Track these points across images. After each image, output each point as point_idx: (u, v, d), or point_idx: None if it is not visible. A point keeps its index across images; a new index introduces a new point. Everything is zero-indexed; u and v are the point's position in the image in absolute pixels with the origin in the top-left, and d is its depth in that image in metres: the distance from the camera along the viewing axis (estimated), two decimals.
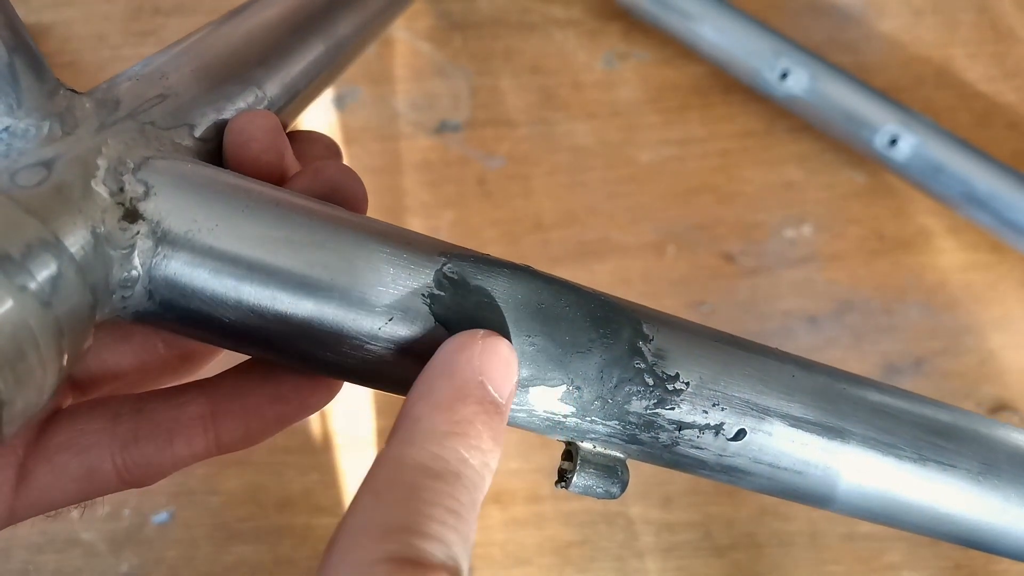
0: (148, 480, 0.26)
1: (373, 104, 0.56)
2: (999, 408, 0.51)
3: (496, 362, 0.22)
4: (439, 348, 0.22)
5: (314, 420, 0.49)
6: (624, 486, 0.24)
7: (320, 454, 0.49)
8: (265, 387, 0.26)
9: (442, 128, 0.56)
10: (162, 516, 0.47)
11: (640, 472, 0.49)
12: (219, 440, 0.26)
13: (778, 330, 0.51)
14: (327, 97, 0.56)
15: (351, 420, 0.49)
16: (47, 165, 0.21)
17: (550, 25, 0.59)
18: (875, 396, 0.26)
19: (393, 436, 0.21)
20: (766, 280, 0.53)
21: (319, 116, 0.55)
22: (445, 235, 0.53)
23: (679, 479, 0.49)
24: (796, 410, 0.25)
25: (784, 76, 0.53)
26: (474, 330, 0.22)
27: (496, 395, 0.22)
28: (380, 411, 0.49)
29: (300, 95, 0.30)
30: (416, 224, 0.53)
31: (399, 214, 0.53)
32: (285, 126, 0.30)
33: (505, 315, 0.23)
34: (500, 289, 0.23)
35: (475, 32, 0.58)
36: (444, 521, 0.19)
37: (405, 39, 0.58)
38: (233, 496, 0.48)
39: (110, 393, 0.27)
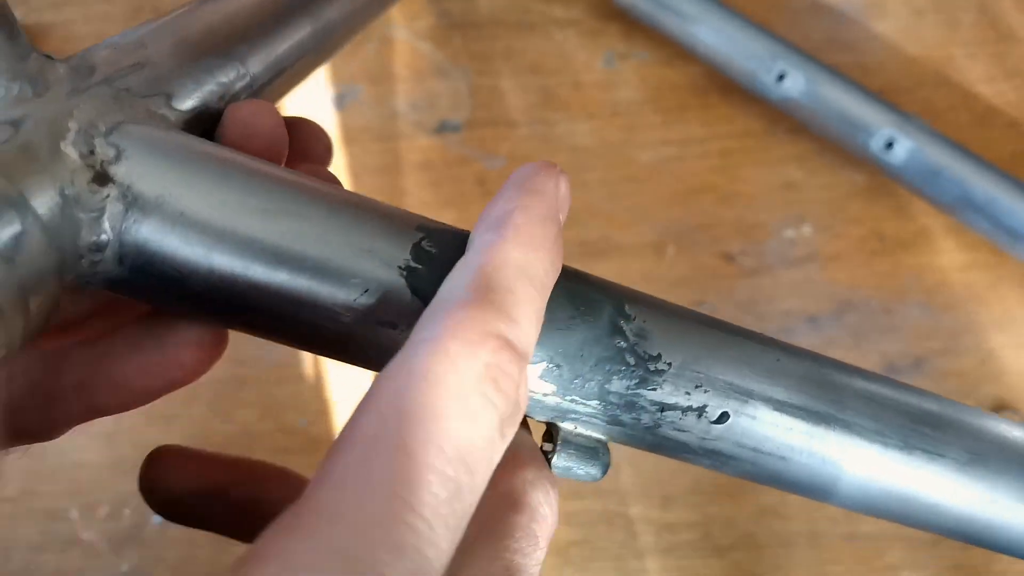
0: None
1: (373, 104, 0.56)
2: (999, 408, 0.51)
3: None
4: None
5: (314, 421, 0.49)
6: (605, 468, 0.24)
7: (320, 454, 0.49)
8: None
9: (442, 128, 0.56)
10: None
11: (640, 472, 0.49)
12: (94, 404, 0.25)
13: (778, 330, 0.51)
14: (327, 97, 0.56)
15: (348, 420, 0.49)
16: (14, 124, 0.21)
17: (550, 25, 0.59)
18: (861, 383, 0.26)
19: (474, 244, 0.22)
20: (766, 280, 0.53)
21: (319, 116, 0.55)
22: None
23: (679, 479, 0.49)
24: (780, 394, 0.24)
25: (781, 78, 0.53)
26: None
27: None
28: None
29: (284, 75, 0.30)
30: None
31: None
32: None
33: None
34: None
35: (475, 32, 0.58)
36: (528, 314, 0.20)
37: (405, 39, 0.58)
38: None
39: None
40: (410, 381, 0.18)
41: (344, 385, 0.50)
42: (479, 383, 0.18)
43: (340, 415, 0.49)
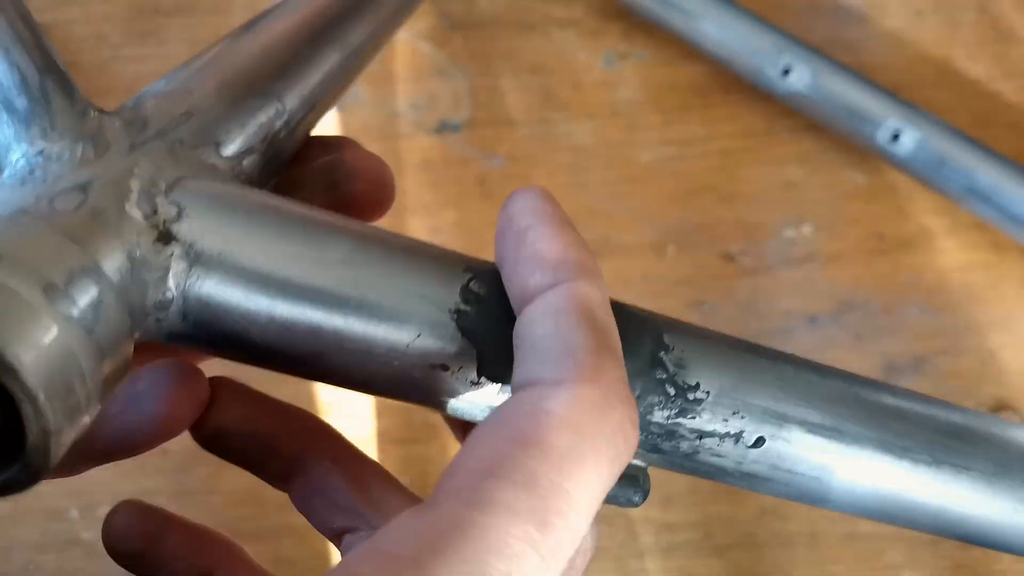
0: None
1: (373, 104, 0.56)
2: (999, 408, 0.51)
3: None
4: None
5: None
6: (645, 495, 0.25)
7: None
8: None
9: (442, 128, 0.56)
10: None
11: None
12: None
13: (778, 330, 0.51)
14: None
15: (351, 420, 0.49)
16: (83, 189, 0.21)
17: (550, 25, 0.59)
18: (889, 400, 0.26)
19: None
20: (766, 280, 0.53)
21: None
22: (446, 235, 0.53)
23: (679, 479, 0.49)
24: (813, 416, 0.25)
25: (786, 72, 0.53)
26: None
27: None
28: (380, 412, 0.49)
29: (317, 106, 0.30)
30: (417, 224, 0.53)
31: (399, 214, 0.53)
32: (304, 138, 0.30)
33: None
34: None
35: (475, 32, 0.58)
36: (620, 345, 0.21)
37: (405, 39, 0.58)
38: (233, 496, 0.48)
39: None
40: (545, 421, 0.18)
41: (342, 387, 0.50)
42: (614, 432, 0.18)
43: (338, 416, 0.49)
